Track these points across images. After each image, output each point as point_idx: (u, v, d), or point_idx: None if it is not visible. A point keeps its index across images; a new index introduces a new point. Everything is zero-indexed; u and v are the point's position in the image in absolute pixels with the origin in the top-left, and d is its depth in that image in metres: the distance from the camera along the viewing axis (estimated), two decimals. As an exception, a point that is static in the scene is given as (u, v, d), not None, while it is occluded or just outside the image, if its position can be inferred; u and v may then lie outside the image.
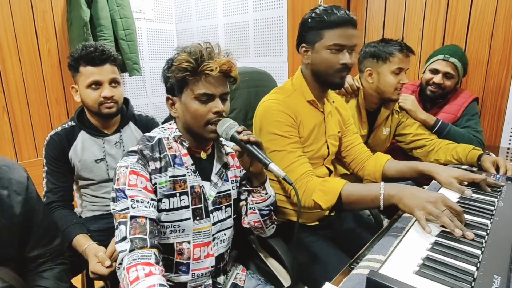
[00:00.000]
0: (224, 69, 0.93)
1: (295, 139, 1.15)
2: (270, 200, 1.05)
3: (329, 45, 1.12)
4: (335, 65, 1.14)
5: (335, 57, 1.13)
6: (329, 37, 1.12)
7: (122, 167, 0.90)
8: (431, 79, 1.74)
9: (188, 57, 0.90)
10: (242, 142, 0.90)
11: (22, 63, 2.21)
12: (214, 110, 0.93)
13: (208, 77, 0.91)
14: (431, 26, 2.11)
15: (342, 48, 1.12)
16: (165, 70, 0.97)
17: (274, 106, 1.16)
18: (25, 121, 2.25)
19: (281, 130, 1.14)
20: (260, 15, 2.42)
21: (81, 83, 1.29)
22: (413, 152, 1.68)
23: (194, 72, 0.90)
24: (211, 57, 0.91)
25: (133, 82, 2.91)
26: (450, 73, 1.71)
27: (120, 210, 0.86)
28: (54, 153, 1.32)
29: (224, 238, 1.06)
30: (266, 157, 0.89)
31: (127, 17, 2.48)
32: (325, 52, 1.14)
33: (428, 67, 1.77)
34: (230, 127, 0.92)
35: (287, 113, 1.15)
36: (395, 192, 0.94)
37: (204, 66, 0.90)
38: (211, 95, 0.93)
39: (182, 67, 0.90)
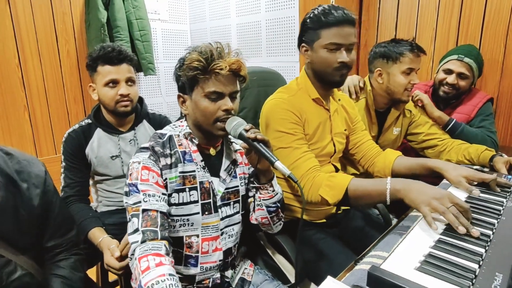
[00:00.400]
0: (234, 68, 0.95)
1: (300, 135, 1.17)
2: (277, 197, 1.07)
3: (325, 44, 1.15)
4: (333, 64, 1.16)
5: (332, 56, 1.15)
6: (326, 36, 1.14)
7: (135, 163, 0.94)
8: (445, 79, 1.72)
9: (198, 56, 0.93)
10: (250, 140, 0.93)
11: (43, 64, 2.29)
12: (223, 108, 0.96)
13: (218, 76, 0.94)
14: (444, 26, 2.09)
15: (340, 47, 1.14)
16: (176, 69, 1.01)
17: (279, 104, 1.19)
18: (45, 119, 2.34)
19: (286, 127, 1.16)
20: (272, 15, 2.44)
21: (99, 82, 1.35)
22: (425, 152, 1.67)
23: (204, 70, 0.94)
24: (221, 57, 0.94)
25: (148, 81, 2.96)
26: (464, 73, 1.68)
27: (133, 204, 0.90)
28: (71, 149, 1.37)
29: (232, 233, 1.09)
30: (273, 155, 0.92)
31: (142, 18, 2.53)
32: (323, 51, 1.16)
33: (442, 67, 1.75)
34: (238, 125, 0.95)
35: (291, 111, 1.17)
36: (401, 187, 0.95)
37: (214, 65, 0.93)
38: (220, 93, 0.96)
39: (192, 66, 0.93)
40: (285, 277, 1.22)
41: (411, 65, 1.48)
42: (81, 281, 1.01)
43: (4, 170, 0.89)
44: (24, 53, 2.21)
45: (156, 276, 0.77)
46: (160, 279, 0.77)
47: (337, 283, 0.67)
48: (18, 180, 0.91)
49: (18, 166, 0.93)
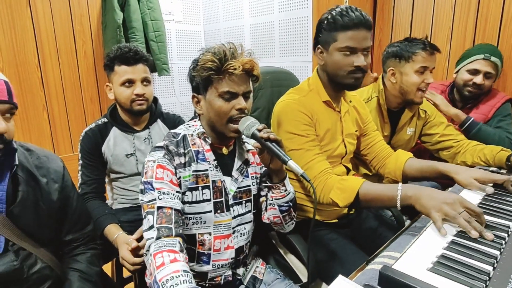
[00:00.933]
0: (247, 68, 0.97)
1: (312, 137, 1.17)
2: (289, 197, 1.08)
3: (341, 47, 1.13)
4: (348, 67, 1.15)
5: (348, 59, 1.14)
6: (342, 40, 1.13)
7: (150, 161, 0.96)
8: (471, 80, 1.68)
9: (212, 57, 0.95)
10: (262, 139, 0.94)
11: (61, 64, 2.35)
12: (237, 107, 0.97)
13: (231, 76, 0.96)
14: (461, 24, 2.05)
15: (355, 50, 1.13)
16: (191, 69, 1.03)
17: (290, 105, 1.19)
18: (63, 118, 2.40)
19: (298, 129, 1.16)
20: (285, 16, 2.44)
21: (116, 81, 1.38)
22: (439, 153, 1.65)
23: (218, 71, 0.95)
24: (234, 57, 0.96)
25: (162, 81, 3.00)
26: (491, 72, 1.66)
27: (148, 201, 0.92)
28: (88, 147, 1.41)
29: (244, 232, 1.10)
30: (286, 154, 0.92)
31: (157, 19, 2.57)
32: (338, 54, 1.15)
33: (466, 67, 1.70)
34: (251, 125, 0.96)
35: (303, 112, 1.17)
36: (412, 193, 0.94)
37: (228, 65, 0.94)
38: (234, 93, 0.97)
39: (206, 67, 0.95)
40: (296, 276, 1.22)
41: (425, 63, 1.46)
42: (97, 275, 1.04)
43: (25, 165, 0.93)
44: (44, 54, 2.27)
45: (171, 272, 0.79)
46: (175, 275, 0.78)
47: (349, 282, 0.67)
48: (38, 175, 0.94)
49: (38, 162, 0.97)
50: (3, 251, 0.87)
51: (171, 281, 0.78)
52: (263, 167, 1.15)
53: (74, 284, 0.97)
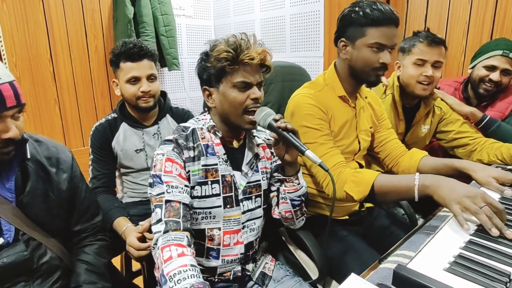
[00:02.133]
0: (261, 58, 0.96)
1: (326, 131, 1.15)
2: (302, 191, 1.06)
3: (371, 43, 1.10)
4: (374, 64, 1.12)
5: (375, 55, 1.11)
6: (372, 35, 1.10)
7: (159, 155, 0.96)
8: (487, 76, 1.63)
9: (226, 47, 0.93)
10: (280, 129, 0.92)
11: (73, 59, 2.37)
12: (252, 97, 0.96)
13: (246, 67, 0.95)
14: (478, 19, 1.99)
15: (384, 48, 1.11)
16: (201, 62, 1.01)
17: (305, 99, 1.17)
18: (74, 113, 2.42)
19: (312, 123, 1.14)
20: (297, 10, 2.41)
21: (121, 78, 1.38)
22: (455, 151, 1.60)
23: (234, 61, 0.94)
24: (248, 47, 0.95)
25: (172, 76, 3.00)
26: (509, 69, 1.60)
27: (156, 195, 0.92)
28: (99, 142, 1.41)
29: (253, 227, 1.08)
30: (303, 144, 0.91)
31: (167, 14, 2.57)
32: (366, 50, 1.12)
33: (483, 63, 1.65)
34: (267, 115, 0.95)
35: (317, 107, 1.15)
36: (430, 183, 0.91)
37: (244, 55, 0.93)
38: (249, 83, 0.96)
39: (221, 57, 0.93)
40: (306, 273, 1.21)
41: (422, 55, 1.43)
42: (104, 267, 1.04)
43: (34, 156, 0.94)
44: (56, 49, 2.29)
45: (178, 266, 0.78)
46: (182, 269, 0.78)
47: (361, 280, 0.65)
48: (47, 166, 0.95)
49: (47, 153, 0.97)
50: (13, 240, 0.88)
51: (178, 275, 0.77)
52: (273, 162, 1.13)
53: (81, 276, 0.98)
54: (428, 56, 1.43)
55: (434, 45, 1.42)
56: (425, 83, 1.46)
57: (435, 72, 1.46)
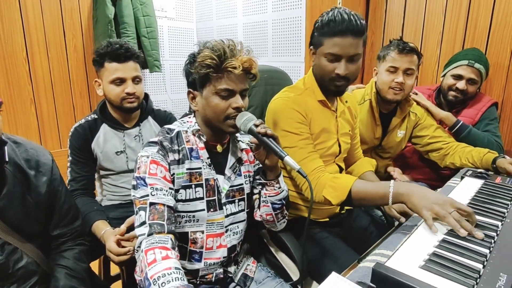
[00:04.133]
0: (246, 67, 0.96)
1: (306, 135, 1.17)
2: (282, 194, 1.08)
3: (325, 53, 1.12)
4: (330, 74, 1.14)
5: (331, 65, 1.13)
6: (327, 45, 1.11)
7: (143, 157, 0.95)
8: (454, 85, 1.71)
9: (211, 54, 0.93)
10: (260, 134, 0.94)
11: (50, 58, 2.31)
12: (234, 106, 0.97)
13: (230, 74, 0.95)
14: (451, 29, 2.09)
15: (339, 58, 1.11)
16: (187, 64, 1.01)
17: (284, 103, 1.18)
18: (51, 113, 2.35)
19: (291, 127, 1.16)
20: (279, 15, 2.44)
21: (105, 78, 1.35)
22: (429, 155, 1.67)
23: (217, 68, 0.94)
24: (234, 55, 0.95)
25: (153, 78, 2.97)
26: (474, 79, 1.69)
27: (140, 197, 0.91)
28: (78, 143, 1.38)
29: (237, 231, 1.09)
30: (282, 150, 0.92)
31: (149, 15, 2.54)
32: (323, 59, 1.14)
33: (451, 72, 1.73)
34: (248, 120, 0.96)
35: (297, 110, 1.16)
36: (404, 191, 0.95)
37: (227, 63, 0.93)
38: (232, 91, 0.96)
39: (205, 64, 0.93)
40: (287, 274, 1.22)
41: (393, 63, 1.50)
42: (84, 272, 1.02)
43: (12, 158, 0.91)
44: (32, 47, 2.22)
45: (163, 269, 0.78)
46: (167, 272, 0.77)
47: (342, 279, 0.67)
48: (26, 168, 0.92)
49: (26, 155, 0.95)
50: None
51: (162, 278, 0.76)
52: (256, 165, 1.14)
53: (60, 281, 0.95)
54: (399, 64, 1.49)
55: (405, 53, 1.48)
56: (396, 89, 1.52)
57: (407, 79, 1.51)
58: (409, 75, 1.52)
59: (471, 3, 2.00)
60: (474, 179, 1.26)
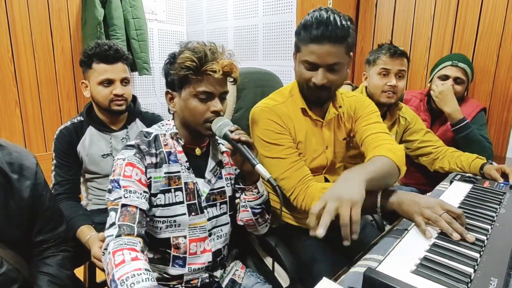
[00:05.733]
0: (226, 71, 0.95)
1: (288, 144, 1.11)
2: (262, 199, 1.07)
3: (301, 60, 1.06)
4: (307, 82, 1.08)
5: (307, 73, 1.07)
6: (304, 52, 1.04)
7: (119, 159, 0.94)
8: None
9: (192, 56, 0.92)
10: (234, 141, 0.93)
11: (36, 59, 2.26)
12: (212, 109, 0.96)
13: (209, 77, 0.94)
14: (439, 35, 2.12)
15: (316, 66, 1.04)
16: (166, 64, 1.00)
17: (262, 114, 1.14)
18: (36, 115, 2.30)
19: (270, 138, 1.11)
20: (269, 19, 2.44)
21: (93, 80, 1.33)
22: (419, 159, 1.68)
23: (197, 71, 0.93)
24: (215, 58, 0.94)
25: (143, 81, 2.94)
26: (461, 77, 1.72)
27: (113, 200, 0.89)
28: (63, 146, 1.35)
29: (221, 234, 1.07)
30: (255, 157, 0.91)
31: (139, 18, 2.52)
32: (301, 66, 1.08)
33: (437, 74, 1.76)
34: (223, 126, 0.95)
35: (274, 121, 1.12)
36: (394, 199, 0.94)
37: (207, 66, 0.92)
38: (211, 94, 0.95)
39: (185, 65, 0.92)
40: (277, 281, 1.20)
41: (385, 65, 1.50)
42: (68, 279, 0.99)
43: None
44: (18, 48, 2.18)
45: (132, 269, 0.75)
46: (136, 273, 0.75)
47: (333, 284, 0.66)
48: (8, 172, 0.89)
49: (9, 158, 0.91)
50: None
51: (132, 279, 0.73)
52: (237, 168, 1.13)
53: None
54: (390, 66, 1.50)
55: (396, 56, 1.50)
56: (389, 93, 1.52)
57: (399, 82, 1.52)
58: (400, 78, 1.53)
59: (458, 10, 2.03)
60: (463, 183, 1.26)
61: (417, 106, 1.86)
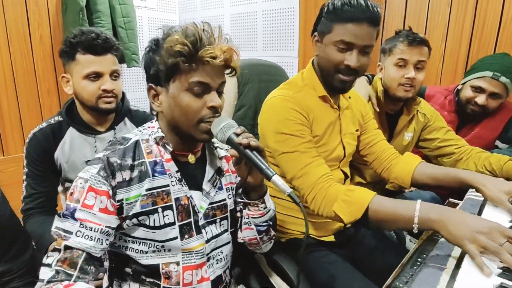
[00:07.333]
0: (225, 57, 0.77)
1: (308, 138, 1.02)
2: (269, 215, 0.91)
3: (336, 41, 0.99)
4: (338, 65, 1.01)
5: (340, 55, 1.00)
6: (338, 32, 0.99)
7: (80, 179, 0.76)
8: (473, 99, 1.54)
9: (183, 39, 0.74)
10: (241, 146, 0.75)
11: (11, 50, 2.06)
12: (209, 105, 0.78)
13: (205, 66, 0.76)
14: (458, 22, 1.94)
15: (351, 47, 0.99)
16: (148, 53, 0.81)
17: (282, 103, 1.03)
18: (13, 112, 2.11)
19: (291, 129, 1.00)
20: (269, 6, 2.30)
21: (77, 73, 1.15)
22: (439, 160, 1.52)
23: (191, 58, 0.75)
24: (210, 42, 0.77)
25: (131, 73, 2.78)
26: (498, 93, 1.50)
27: (64, 232, 0.73)
28: (37, 153, 1.18)
29: (221, 257, 0.90)
30: (269, 167, 0.74)
31: (126, 4, 2.33)
32: (331, 48, 1.01)
33: (471, 83, 1.55)
34: (227, 128, 0.77)
35: (297, 110, 1.02)
36: (437, 216, 0.78)
37: (205, 52, 0.74)
38: (207, 86, 0.78)
39: (175, 51, 0.74)
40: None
41: (404, 55, 1.36)
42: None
43: None
44: (-11, 37, 1.97)
45: None
46: None
47: None
48: None
49: None
50: None
51: None
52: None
53: None
54: (409, 56, 1.36)
55: (415, 45, 1.35)
56: (407, 86, 1.38)
57: (418, 74, 1.38)
58: (419, 69, 1.38)
59: (479, -6, 1.86)
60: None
61: (441, 104, 1.67)
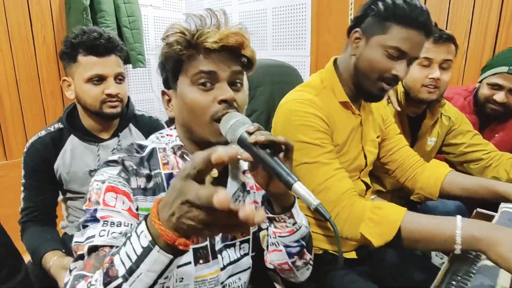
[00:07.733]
0: (231, 43, 0.66)
1: (329, 147, 0.92)
2: (300, 233, 0.75)
3: (389, 46, 0.89)
4: (384, 72, 0.92)
5: (389, 62, 0.90)
6: (394, 36, 0.88)
7: (97, 182, 0.67)
8: (491, 96, 1.43)
9: (182, 28, 0.67)
10: (256, 146, 0.59)
11: (14, 52, 2.00)
12: (220, 98, 0.67)
13: (210, 54, 0.67)
14: (482, 18, 1.81)
15: (403, 56, 0.90)
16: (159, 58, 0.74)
17: (300, 107, 0.93)
18: (16, 116, 2.04)
19: (311, 137, 0.91)
20: (280, 3, 2.22)
21: (79, 76, 1.08)
22: (465, 166, 1.41)
23: (188, 44, 0.67)
24: (215, 25, 0.68)
25: (137, 74, 2.71)
26: None
27: (85, 241, 0.61)
28: (35, 163, 1.11)
29: (238, 285, 0.80)
30: (291, 172, 0.56)
31: (131, 3, 2.28)
32: (380, 52, 0.90)
33: (487, 80, 1.45)
34: (237, 125, 0.62)
35: (318, 116, 0.92)
36: (482, 235, 0.68)
37: (203, 35, 0.65)
38: (214, 75, 0.67)
39: (172, 41, 0.67)
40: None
41: (427, 54, 1.25)
42: None
43: None
44: (-9, 39, 1.91)
45: None
46: None
47: None
48: None
49: None
50: None
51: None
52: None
53: None
54: (434, 55, 1.25)
55: (441, 42, 1.24)
56: (431, 87, 1.28)
57: (443, 75, 1.27)
58: (445, 69, 1.28)
59: (505, -13, 1.74)
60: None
61: (461, 106, 1.56)
